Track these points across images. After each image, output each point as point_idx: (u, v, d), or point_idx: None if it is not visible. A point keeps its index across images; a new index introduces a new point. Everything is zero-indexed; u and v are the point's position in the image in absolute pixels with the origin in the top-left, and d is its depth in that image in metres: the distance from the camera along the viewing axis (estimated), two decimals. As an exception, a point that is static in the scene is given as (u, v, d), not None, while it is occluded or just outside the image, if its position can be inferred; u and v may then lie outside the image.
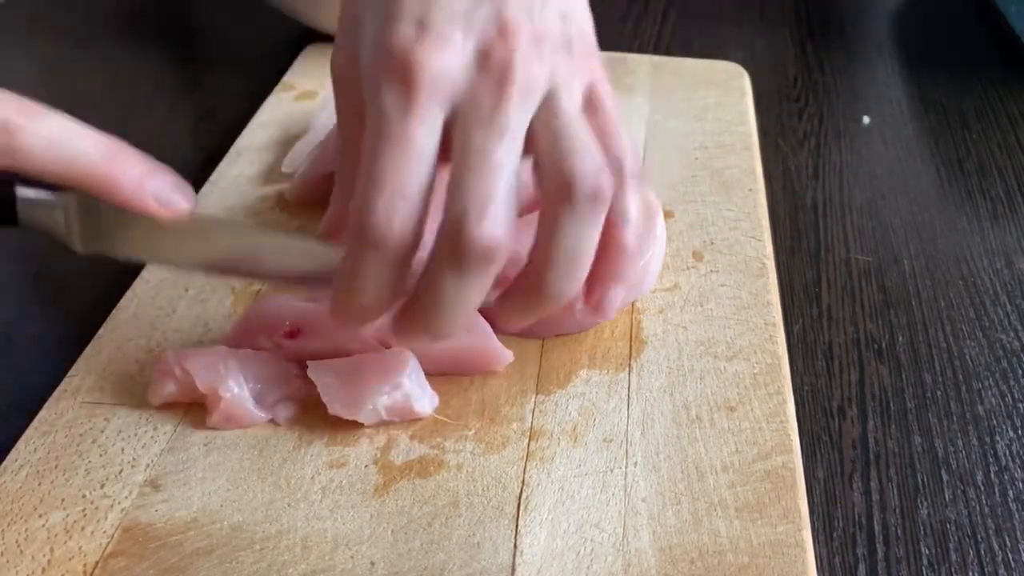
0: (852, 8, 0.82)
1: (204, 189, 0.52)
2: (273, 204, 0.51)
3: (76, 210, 0.35)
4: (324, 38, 0.67)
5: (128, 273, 0.45)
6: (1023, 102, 0.68)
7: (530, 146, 0.34)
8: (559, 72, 0.35)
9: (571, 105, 0.35)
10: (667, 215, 0.50)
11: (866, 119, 0.65)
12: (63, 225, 0.35)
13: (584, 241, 0.34)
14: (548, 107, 0.34)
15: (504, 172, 0.33)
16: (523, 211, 0.35)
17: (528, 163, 0.34)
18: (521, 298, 0.35)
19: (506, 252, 0.33)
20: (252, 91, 0.62)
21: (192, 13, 0.79)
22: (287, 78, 0.63)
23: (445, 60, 0.33)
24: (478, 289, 0.33)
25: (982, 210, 0.57)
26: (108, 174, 0.33)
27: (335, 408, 0.38)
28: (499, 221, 0.32)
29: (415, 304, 0.34)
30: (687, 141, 0.57)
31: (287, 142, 0.55)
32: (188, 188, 0.35)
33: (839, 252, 0.53)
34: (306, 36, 0.68)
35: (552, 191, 0.33)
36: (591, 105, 0.36)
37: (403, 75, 0.33)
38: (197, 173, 0.53)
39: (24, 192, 0.34)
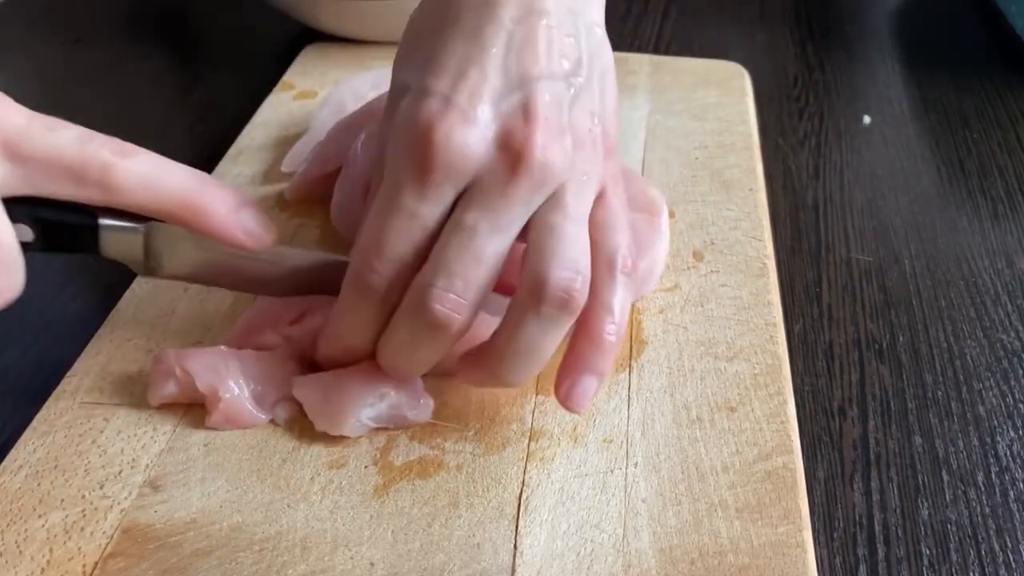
0: (852, 8, 0.82)
1: (204, 189, 0.52)
2: (273, 204, 0.51)
3: (156, 239, 0.38)
4: (324, 38, 0.67)
5: (128, 273, 0.45)
6: (1023, 102, 0.68)
7: (525, 233, 0.35)
8: (578, 167, 0.35)
9: (578, 205, 0.35)
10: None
11: (866, 119, 0.65)
12: (141, 253, 0.38)
13: (544, 340, 0.34)
14: (554, 201, 0.35)
15: (484, 255, 0.34)
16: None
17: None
18: (478, 370, 0.36)
19: (462, 328, 0.34)
20: (252, 91, 0.62)
21: (192, 13, 0.79)
22: (287, 78, 0.63)
23: (465, 138, 0.33)
24: (430, 350, 0.35)
25: (983, 210, 0.57)
26: (199, 206, 0.36)
27: (320, 424, 0.38)
28: (462, 299, 0.34)
29: (382, 341, 0.36)
30: (687, 141, 0.57)
31: (287, 142, 0.55)
32: (270, 220, 0.38)
33: (840, 252, 0.53)
34: (306, 36, 0.68)
35: (525, 286, 0.34)
36: (599, 198, 0.36)
37: (422, 152, 0.34)
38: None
39: (106, 222, 0.37)
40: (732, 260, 0.47)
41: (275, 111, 0.59)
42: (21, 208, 0.34)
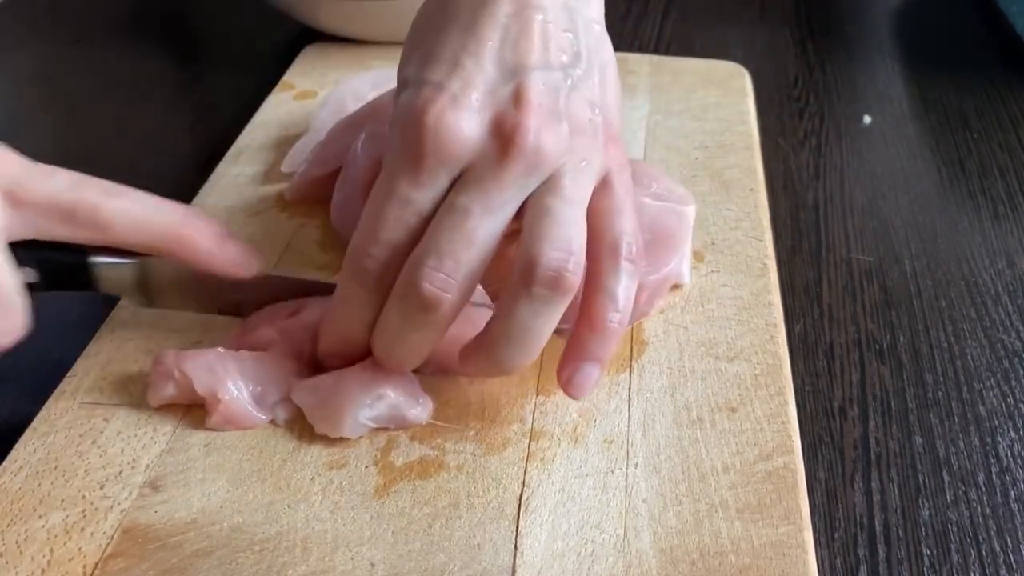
0: (852, 8, 0.82)
1: (204, 189, 0.52)
2: (272, 204, 0.51)
3: (150, 273, 0.40)
4: (324, 38, 0.67)
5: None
6: (1023, 102, 0.68)
7: (520, 216, 0.35)
8: (575, 152, 0.35)
9: (575, 188, 0.35)
10: (668, 215, 0.50)
11: (867, 119, 0.65)
12: (134, 287, 0.40)
13: (537, 322, 0.34)
14: (550, 184, 0.35)
15: (476, 237, 0.34)
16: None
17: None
18: (475, 357, 0.36)
19: (452, 308, 0.34)
20: (252, 91, 0.62)
21: (191, 13, 0.79)
22: (287, 78, 0.63)
23: (457, 122, 0.34)
24: (422, 334, 0.35)
25: (983, 210, 0.57)
26: (184, 240, 0.38)
27: (320, 427, 0.38)
28: (451, 279, 0.34)
29: (376, 329, 0.37)
30: (687, 141, 0.57)
31: (287, 142, 0.55)
32: (256, 250, 0.40)
33: (840, 252, 0.53)
34: (306, 36, 0.68)
35: (517, 267, 0.34)
36: (603, 185, 0.36)
37: (415, 138, 0.34)
38: (197, 173, 0.53)
39: (97, 259, 0.39)
40: (732, 260, 0.47)
41: (275, 111, 0.59)
42: (26, 252, 0.36)
